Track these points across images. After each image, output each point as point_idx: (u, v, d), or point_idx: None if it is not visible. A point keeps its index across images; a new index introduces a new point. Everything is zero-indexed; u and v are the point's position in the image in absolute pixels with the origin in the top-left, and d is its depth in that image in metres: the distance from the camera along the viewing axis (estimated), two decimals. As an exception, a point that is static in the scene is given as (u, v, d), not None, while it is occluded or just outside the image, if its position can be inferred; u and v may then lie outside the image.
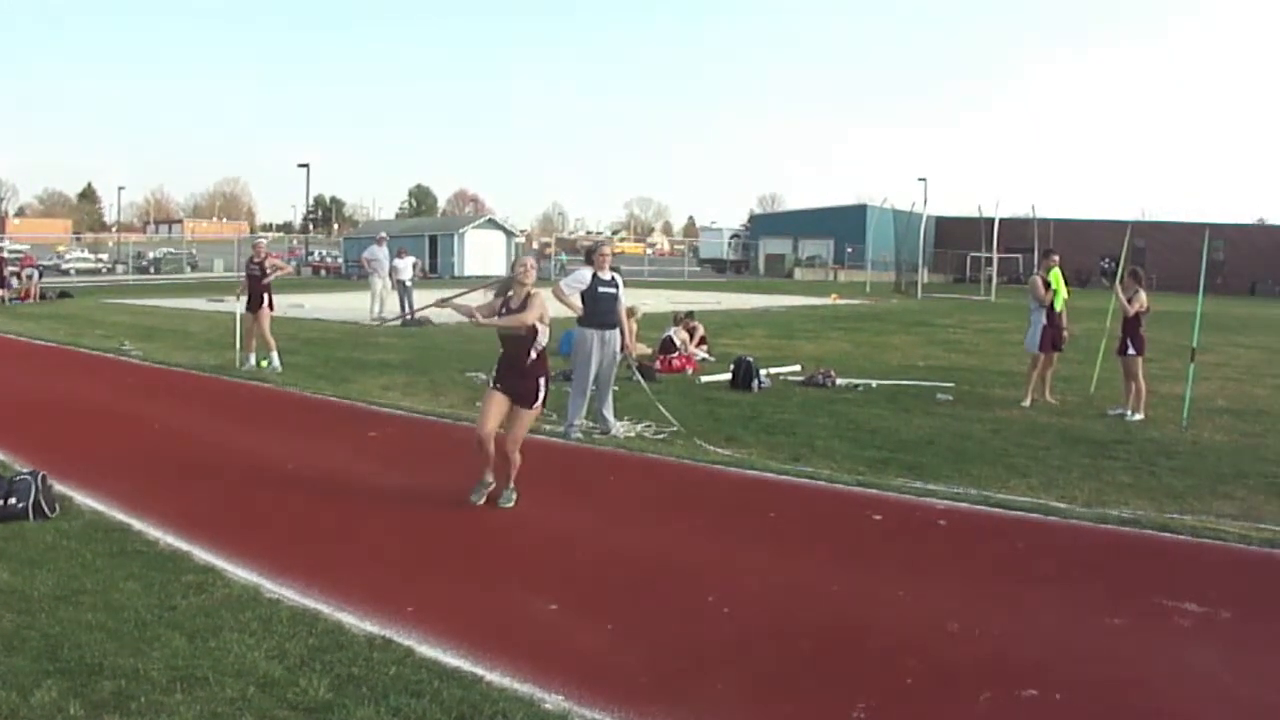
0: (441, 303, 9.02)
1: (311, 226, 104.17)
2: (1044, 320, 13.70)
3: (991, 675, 5.02)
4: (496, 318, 7.67)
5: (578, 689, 4.65)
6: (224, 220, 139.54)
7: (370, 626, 5.33)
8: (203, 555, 6.50)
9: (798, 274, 76.33)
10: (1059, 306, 13.79)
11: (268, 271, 16.16)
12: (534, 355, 7.72)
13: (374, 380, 14.75)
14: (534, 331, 7.64)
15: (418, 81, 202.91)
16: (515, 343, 7.70)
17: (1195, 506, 8.36)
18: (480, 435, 7.67)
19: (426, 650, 5.04)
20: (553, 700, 4.54)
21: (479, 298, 8.32)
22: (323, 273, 62.21)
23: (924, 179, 62.04)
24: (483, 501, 7.82)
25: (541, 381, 7.81)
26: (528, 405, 7.77)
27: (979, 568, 6.83)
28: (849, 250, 78.34)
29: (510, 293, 7.78)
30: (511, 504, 7.79)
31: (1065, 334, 14.09)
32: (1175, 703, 4.81)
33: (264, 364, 15.89)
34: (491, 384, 7.92)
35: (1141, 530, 7.62)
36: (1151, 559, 7.12)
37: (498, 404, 7.73)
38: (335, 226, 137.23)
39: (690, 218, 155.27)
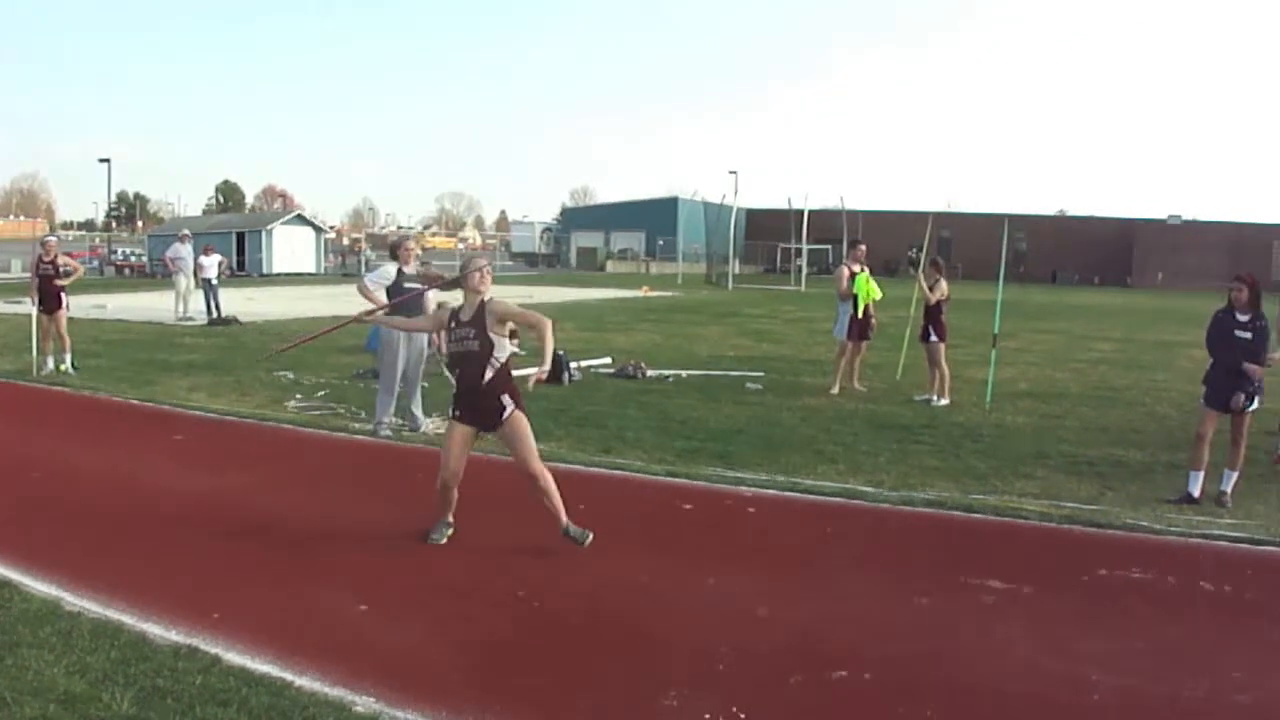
0: (365, 315, 8.22)
1: (114, 224, 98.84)
2: (851, 309, 14.20)
3: (801, 658, 5.18)
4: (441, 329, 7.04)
5: (389, 689, 4.66)
6: (22, 218, 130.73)
7: (176, 636, 5.21)
8: (-1, 569, 6.15)
9: (610, 267, 77.36)
10: (863, 301, 14.24)
11: (60, 271, 15.35)
12: (490, 374, 6.71)
13: (179, 382, 14.30)
14: (489, 347, 6.71)
15: (226, 77, 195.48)
16: (467, 360, 6.79)
17: (998, 487, 8.84)
18: (444, 478, 6.85)
19: (234, 657, 4.97)
20: (363, 702, 4.54)
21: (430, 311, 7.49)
22: (126, 272, 59.44)
23: (735, 172, 63.65)
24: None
25: (506, 399, 6.75)
26: (496, 420, 6.75)
27: (788, 553, 7.03)
28: (660, 243, 79.66)
29: (462, 304, 6.95)
30: (589, 538, 6.76)
31: (873, 323, 14.64)
32: (980, 676, 5.06)
33: (63, 367, 15.20)
34: (451, 414, 7.01)
35: (947, 511, 8.02)
36: (957, 539, 7.47)
37: (460, 438, 6.86)
38: (140, 224, 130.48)
39: (502, 211, 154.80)
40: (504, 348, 6.83)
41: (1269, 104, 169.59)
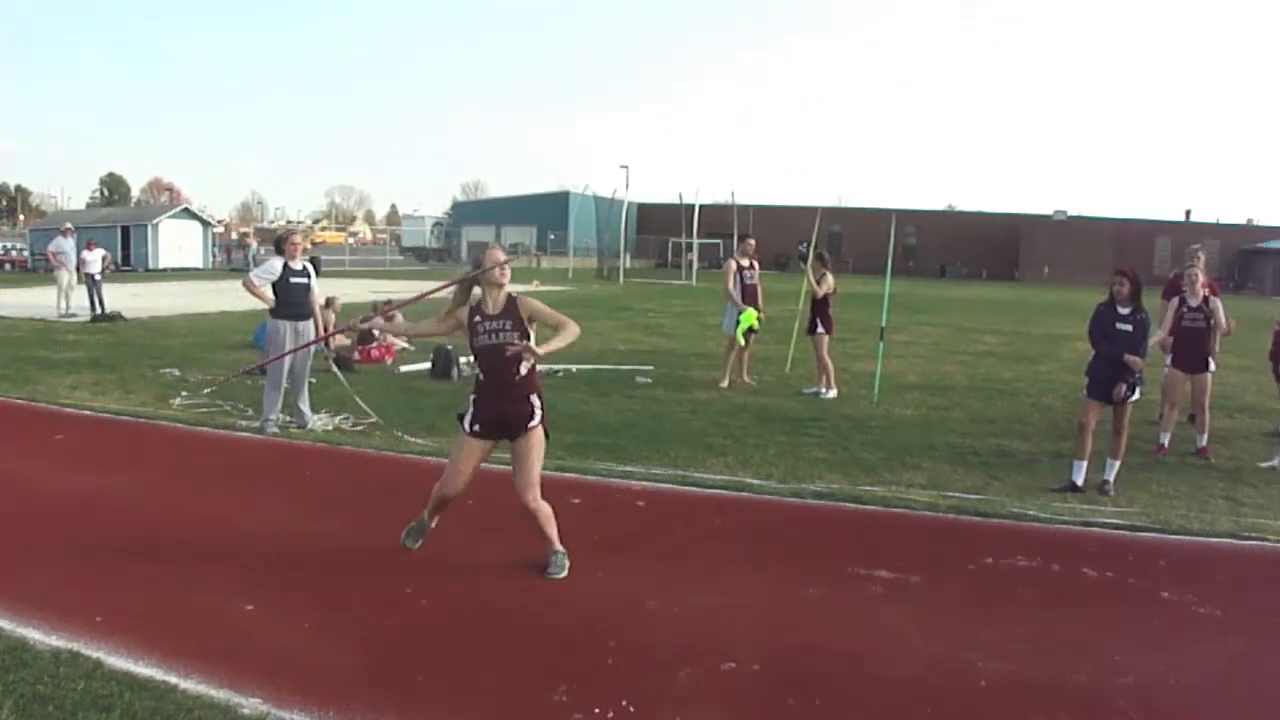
0: (363, 321, 7.25)
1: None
2: (740, 303, 14.32)
3: (691, 650, 5.20)
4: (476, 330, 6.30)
5: (276, 690, 4.62)
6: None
7: (56, 641, 5.09)
8: None
9: (502, 260, 76.66)
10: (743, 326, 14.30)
11: None
12: (524, 368, 6.26)
13: (61, 380, 13.83)
14: (526, 340, 6.22)
15: (109, 66, 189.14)
16: (498, 356, 6.22)
17: (886, 478, 9.00)
18: (446, 494, 6.42)
19: (117, 661, 4.88)
20: (250, 704, 4.50)
21: (435, 315, 6.72)
22: (7, 267, 57.36)
23: (626, 166, 63.70)
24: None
25: (535, 400, 6.33)
26: (521, 429, 6.28)
27: (677, 546, 7.06)
28: (551, 237, 79.71)
29: (483, 299, 6.39)
30: (564, 571, 6.27)
31: (761, 316, 14.79)
32: (868, 665, 5.13)
33: None
34: (467, 428, 6.35)
35: (835, 503, 8.15)
36: (845, 530, 7.60)
37: (473, 454, 6.34)
38: (21, 218, 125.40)
39: (393, 205, 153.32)
40: (534, 340, 6.34)
41: (1150, 103, 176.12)
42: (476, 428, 6.31)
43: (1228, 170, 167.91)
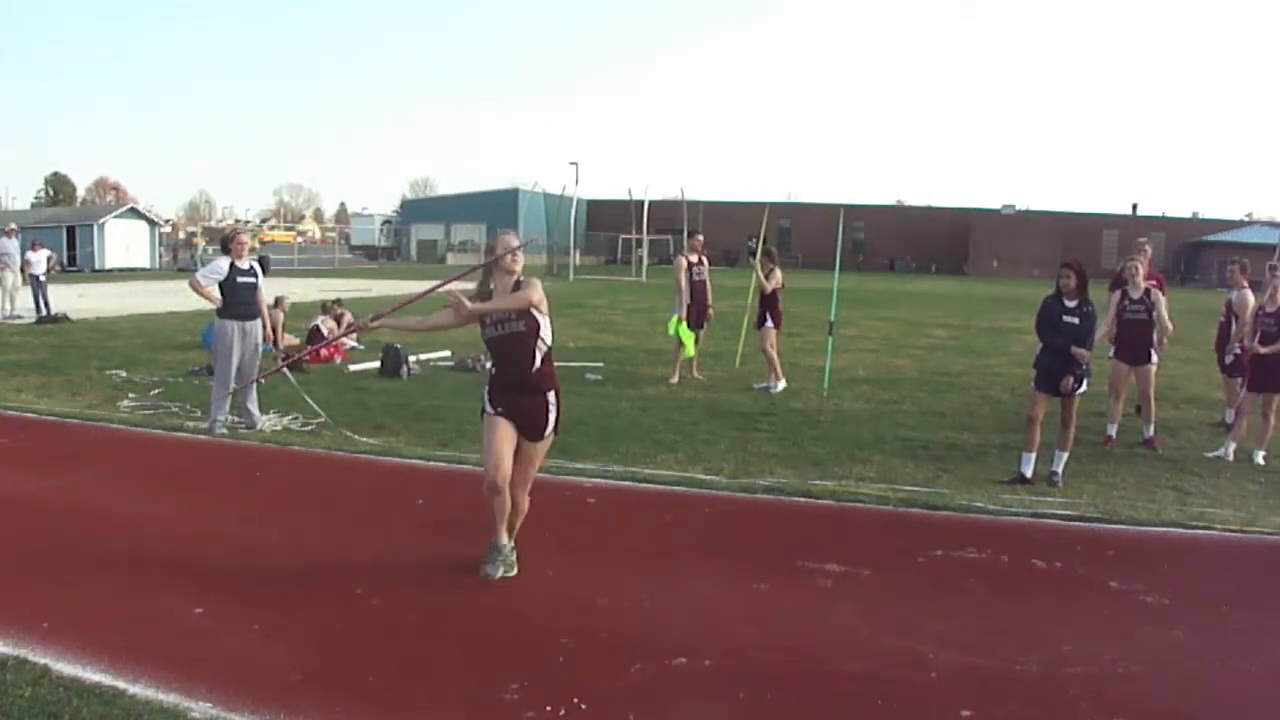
0: (374, 320, 6.79)
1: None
2: (689, 299, 14.37)
3: (642, 647, 5.22)
4: (476, 306, 6.08)
5: (226, 693, 4.61)
6: None
7: (2, 647, 5.05)
8: None
9: (451, 259, 77.12)
10: (688, 347, 14.38)
11: None
12: (539, 360, 6.09)
13: (5, 382, 13.69)
14: (535, 326, 6.05)
15: (54, 64, 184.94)
16: (511, 345, 6.06)
17: (836, 472, 9.07)
18: (494, 480, 6.01)
19: (64, 667, 4.84)
20: (200, 708, 4.48)
21: (451, 308, 6.21)
22: None
23: (575, 163, 63.64)
24: (514, 573, 6.18)
25: (551, 398, 6.18)
26: (538, 435, 6.17)
27: (628, 542, 7.08)
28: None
29: (494, 287, 6.17)
30: (505, 571, 6.19)
31: (709, 311, 14.85)
32: (820, 659, 5.16)
33: None
34: (492, 409, 6.15)
35: (785, 497, 8.20)
36: (795, 524, 7.63)
37: (506, 434, 6.07)
38: None
39: (342, 204, 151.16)
40: (549, 330, 6.17)
41: (1098, 98, 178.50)
42: (499, 408, 6.11)
43: (1174, 164, 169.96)
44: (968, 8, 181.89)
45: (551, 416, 6.18)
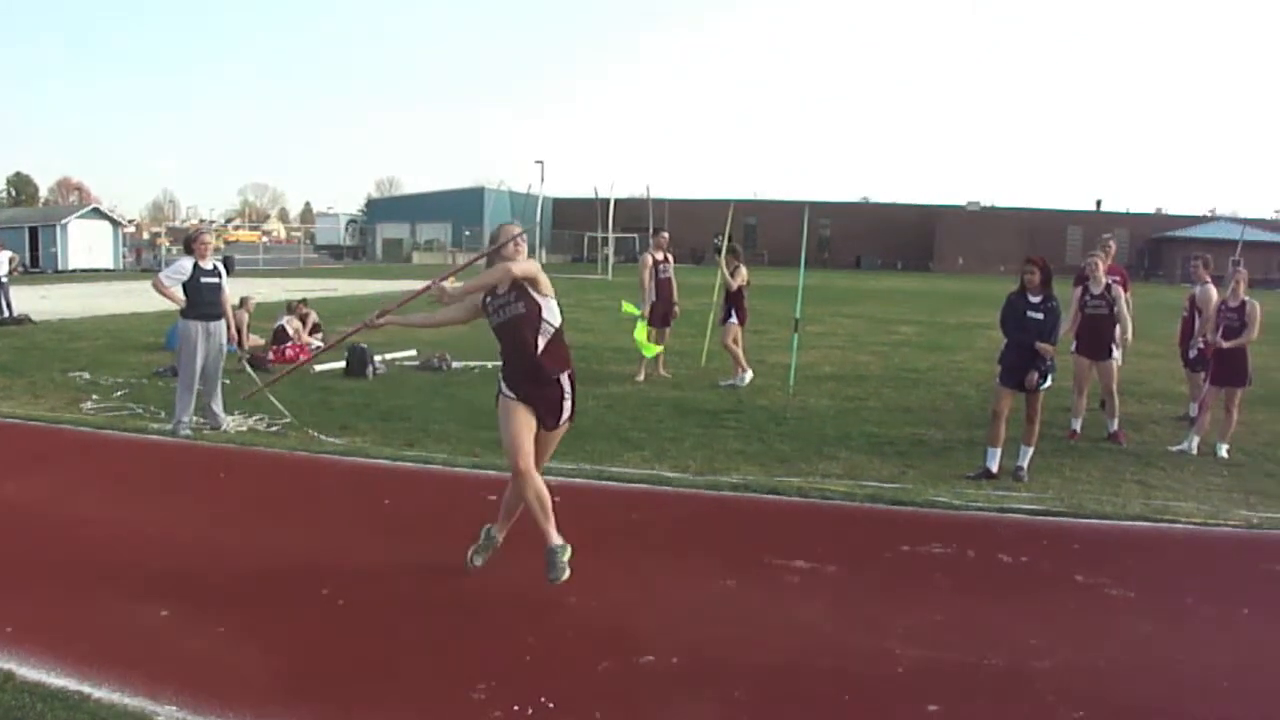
0: (379, 317, 6.52)
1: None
2: (654, 296, 14.39)
3: (609, 644, 5.23)
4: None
5: (192, 696, 4.61)
6: None
7: None
8: None
9: (416, 258, 77.30)
10: (647, 352, 14.33)
11: None
12: (543, 342, 5.88)
13: None
14: (536, 308, 5.87)
15: (15, 64, 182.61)
16: (512, 329, 5.88)
17: (802, 468, 9.10)
18: (522, 467, 5.82)
19: (28, 672, 4.82)
20: (166, 711, 4.48)
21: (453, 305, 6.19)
22: None
23: (541, 161, 63.57)
24: (567, 576, 5.72)
25: (566, 385, 6.02)
26: (554, 424, 6.02)
27: (595, 541, 6.99)
28: (467, 233, 79.67)
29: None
30: (476, 562, 6.25)
31: (675, 309, 14.87)
32: (787, 655, 5.17)
33: None
34: (509, 394, 5.99)
35: (752, 494, 8.20)
36: (762, 521, 7.65)
37: (524, 418, 5.88)
38: None
39: (307, 203, 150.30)
40: (554, 311, 5.95)
41: (1061, 94, 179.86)
42: (515, 394, 5.95)
43: (1138, 161, 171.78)
44: (929, 4, 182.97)
45: (568, 406, 6.03)
